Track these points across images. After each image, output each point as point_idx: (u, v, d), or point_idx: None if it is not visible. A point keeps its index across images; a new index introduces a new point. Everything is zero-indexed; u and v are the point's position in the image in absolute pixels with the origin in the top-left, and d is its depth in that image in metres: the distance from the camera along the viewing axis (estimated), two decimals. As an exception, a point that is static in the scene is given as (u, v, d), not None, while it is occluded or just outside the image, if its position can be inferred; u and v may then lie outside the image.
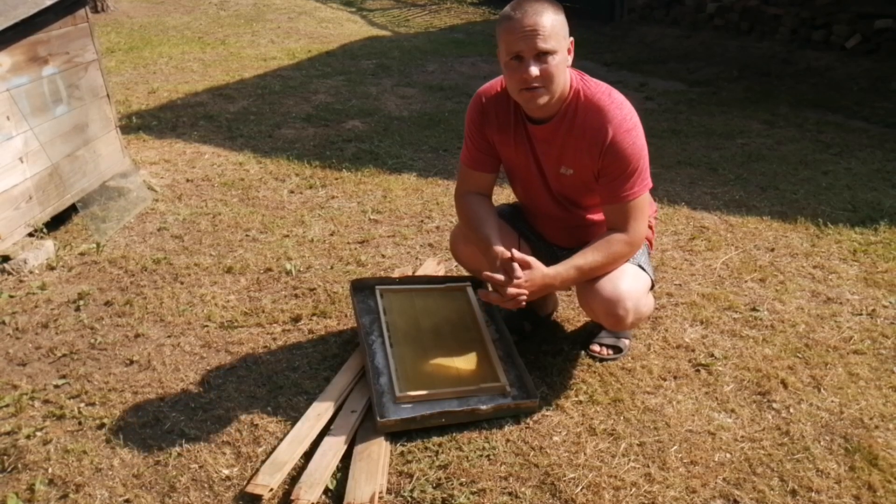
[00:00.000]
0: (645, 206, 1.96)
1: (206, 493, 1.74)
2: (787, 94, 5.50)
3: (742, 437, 1.90)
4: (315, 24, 8.81)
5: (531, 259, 1.86)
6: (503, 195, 3.15)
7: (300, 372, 2.18)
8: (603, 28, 8.08)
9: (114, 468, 1.82)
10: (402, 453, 1.85)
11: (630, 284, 1.96)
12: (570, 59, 1.86)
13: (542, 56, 1.78)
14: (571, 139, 1.92)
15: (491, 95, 2.01)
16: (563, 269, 1.89)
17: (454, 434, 1.90)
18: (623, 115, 1.88)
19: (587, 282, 1.96)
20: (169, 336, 2.38)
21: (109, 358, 2.27)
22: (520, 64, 1.80)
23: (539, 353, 2.25)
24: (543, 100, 1.84)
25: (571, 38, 1.86)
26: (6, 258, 2.76)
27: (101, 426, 1.96)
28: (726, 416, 1.99)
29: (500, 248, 1.89)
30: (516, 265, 1.83)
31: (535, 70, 1.78)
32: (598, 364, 2.19)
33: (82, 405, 2.05)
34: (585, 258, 1.91)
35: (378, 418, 1.88)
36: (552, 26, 1.78)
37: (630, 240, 1.93)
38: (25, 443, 1.90)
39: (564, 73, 1.85)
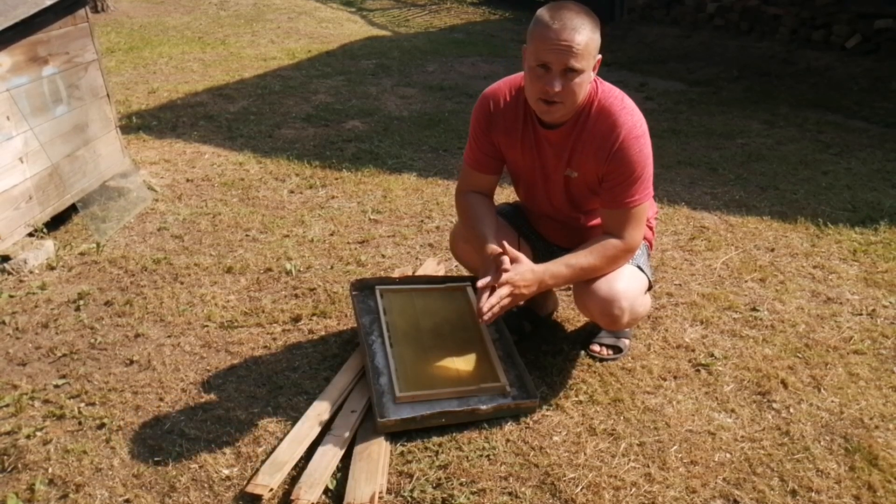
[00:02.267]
0: (644, 214, 1.95)
1: (206, 493, 1.74)
2: (787, 94, 5.50)
3: (742, 437, 1.90)
4: (315, 24, 8.81)
5: (520, 254, 1.87)
6: (503, 195, 3.15)
7: (300, 372, 2.18)
8: (603, 28, 8.05)
9: (114, 468, 1.82)
10: (402, 453, 1.85)
11: (626, 284, 1.96)
12: (593, 75, 1.85)
13: (568, 72, 1.77)
14: (581, 143, 1.92)
15: (498, 99, 2.00)
16: (554, 265, 1.89)
17: (454, 434, 1.90)
18: (633, 121, 1.88)
19: (583, 281, 1.96)
20: (169, 336, 2.38)
21: (109, 358, 2.27)
22: (545, 73, 1.78)
23: (539, 353, 2.25)
24: (560, 114, 1.85)
25: (600, 56, 1.85)
26: (6, 258, 2.76)
27: (101, 426, 1.96)
28: (726, 416, 1.99)
29: (493, 246, 1.89)
30: (505, 258, 1.84)
31: (558, 85, 1.77)
32: (598, 364, 2.19)
33: (82, 405, 2.05)
34: (578, 258, 1.91)
35: (378, 418, 1.88)
36: (586, 45, 1.76)
37: (626, 246, 1.93)
38: (25, 443, 1.90)
39: (586, 89, 1.84)
